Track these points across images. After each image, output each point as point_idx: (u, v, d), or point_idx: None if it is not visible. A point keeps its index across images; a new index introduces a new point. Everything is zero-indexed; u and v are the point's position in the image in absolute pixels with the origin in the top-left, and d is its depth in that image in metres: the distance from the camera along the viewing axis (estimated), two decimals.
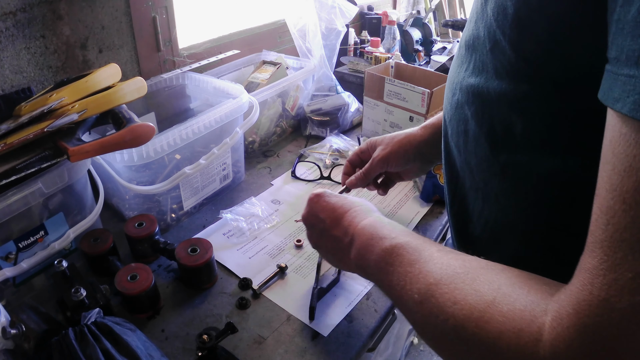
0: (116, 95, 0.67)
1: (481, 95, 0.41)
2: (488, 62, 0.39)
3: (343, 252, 0.52)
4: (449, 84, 0.49)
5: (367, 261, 0.47)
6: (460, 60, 0.45)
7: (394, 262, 0.42)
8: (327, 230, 0.55)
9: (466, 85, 0.43)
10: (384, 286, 0.44)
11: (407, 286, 0.39)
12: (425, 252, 0.41)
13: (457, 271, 0.36)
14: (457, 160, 0.50)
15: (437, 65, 1.51)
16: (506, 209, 0.43)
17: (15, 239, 0.62)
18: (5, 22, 0.72)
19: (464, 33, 0.45)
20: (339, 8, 1.19)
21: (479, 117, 0.42)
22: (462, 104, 0.45)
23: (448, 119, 0.50)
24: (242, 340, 0.62)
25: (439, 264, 0.38)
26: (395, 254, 0.43)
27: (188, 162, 0.78)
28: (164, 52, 1.01)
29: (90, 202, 0.74)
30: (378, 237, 0.46)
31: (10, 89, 0.76)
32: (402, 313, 0.42)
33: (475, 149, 0.44)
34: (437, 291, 0.36)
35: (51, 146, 0.60)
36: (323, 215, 0.56)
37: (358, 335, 0.64)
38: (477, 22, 0.40)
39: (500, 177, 0.42)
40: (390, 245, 0.44)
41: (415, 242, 0.43)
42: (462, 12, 2.47)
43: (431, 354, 1.87)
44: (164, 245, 0.73)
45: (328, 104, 1.17)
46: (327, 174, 0.99)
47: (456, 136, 0.48)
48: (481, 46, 0.40)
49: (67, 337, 0.49)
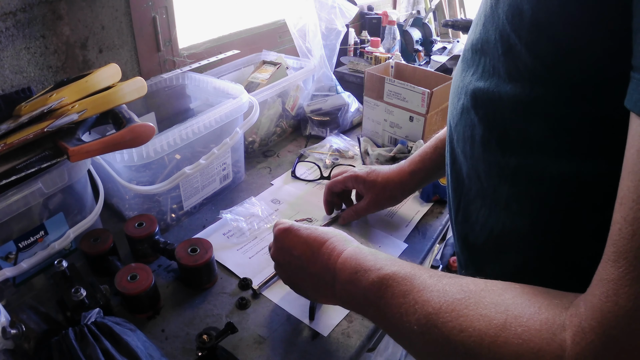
0: (116, 95, 0.67)
1: (491, 99, 0.40)
2: (500, 65, 0.38)
3: (325, 289, 0.51)
4: (454, 89, 0.48)
5: (354, 296, 0.46)
6: (466, 64, 0.44)
7: (385, 295, 0.41)
8: (304, 267, 0.53)
9: (474, 89, 0.42)
10: (377, 319, 0.43)
11: (403, 318, 0.38)
12: (417, 280, 0.39)
13: (457, 297, 0.35)
14: (463, 167, 0.48)
15: (437, 65, 1.51)
16: (516, 215, 0.42)
17: (15, 239, 0.62)
18: (5, 22, 0.72)
19: (469, 36, 0.44)
20: (339, 8, 1.19)
21: (489, 121, 0.41)
22: (468, 109, 0.44)
23: (454, 124, 0.48)
24: (242, 340, 0.62)
25: (434, 291, 0.37)
26: (385, 285, 0.41)
27: (188, 162, 0.78)
28: (164, 52, 1.01)
29: (90, 202, 0.74)
30: (362, 269, 0.45)
31: (10, 89, 0.76)
32: (401, 345, 0.41)
33: (483, 154, 0.43)
34: (438, 320, 0.35)
35: (51, 146, 0.60)
36: (297, 252, 0.54)
37: (358, 335, 0.64)
38: (485, 24, 0.39)
39: (511, 182, 0.41)
40: (378, 277, 0.43)
41: (403, 270, 0.41)
42: (462, 12, 2.47)
43: None
44: (164, 245, 0.73)
45: (328, 104, 1.17)
46: (327, 174, 0.99)
47: (462, 142, 0.46)
48: (492, 49, 0.39)
49: (67, 337, 0.49)
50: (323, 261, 0.50)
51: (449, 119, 0.51)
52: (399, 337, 0.41)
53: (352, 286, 0.46)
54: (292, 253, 0.55)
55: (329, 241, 0.52)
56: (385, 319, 0.41)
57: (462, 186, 0.49)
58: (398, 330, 0.39)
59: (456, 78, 0.47)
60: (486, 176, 0.44)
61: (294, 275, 0.56)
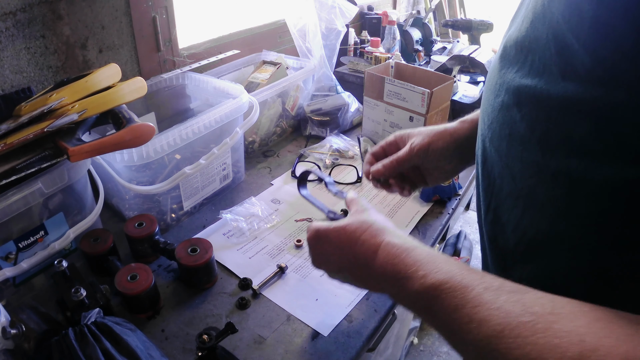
0: (116, 95, 0.67)
1: (538, 98, 0.38)
2: (552, 64, 0.36)
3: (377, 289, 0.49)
4: (491, 86, 0.46)
5: (403, 301, 0.43)
6: (508, 61, 0.43)
7: (433, 307, 0.38)
8: (348, 269, 0.51)
9: (517, 86, 0.40)
10: (430, 325, 0.40)
11: (457, 335, 0.35)
12: (470, 293, 0.36)
13: (522, 320, 0.31)
14: (495, 166, 0.46)
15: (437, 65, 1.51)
16: (552, 218, 0.40)
17: (15, 239, 0.62)
18: (5, 22, 0.72)
19: (511, 33, 0.43)
20: (339, 8, 1.19)
21: (531, 120, 0.39)
22: (509, 106, 0.42)
23: (488, 121, 0.46)
24: (242, 340, 0.62)
25: (494, 309, 0.33)
26: (432, 297, 0.38)
27: (188, 162, 0.78)
28: (164, 52, 1.01)
29: (90, 202, 0.74)
30: (404, 277, 0.42)
31: (10, 89, 0.76)
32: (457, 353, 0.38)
33: (521, 153, 0.41)
34: (501, 345, 0.31)
35: (51, 146, 0.60)
36: (334, 258, 0.52)
37: (358, 335, 0.64)
38: (534, 22, 0.38)
39: (550, 184, 0.39)
40: (423, 288, 0.39)
41: (452, 279, 0.38)
42: (462, 12, 2.47)
43: (431, 354, 1.87)
44: (164, 245, 0.73)
45: (328, 104, 1.17)
46: (327, 174, 0.99)
47: (498, 140, 0.45)
48: (542, 48, 0.37)
49: (67, 337, 0.49)
50: (361, 264, 0.48)
51: (482, 117, 0.49)
52: (454, 347, 0.37)
53: (396, 290, 0.43)
54: (330, 259, 0.53)
55: (360, 239, 0.49)
56: (438, 329, 0.39)
57: (493, 186, 0.48)
58: (453, 342, 0.37)
59: (493, 75, 0.46)
60: (522, 177, 0.42)
61: (340, 277, 0.54)
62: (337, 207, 0.89)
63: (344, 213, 0.88)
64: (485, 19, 1.75)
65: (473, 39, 1.77)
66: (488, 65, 1.51)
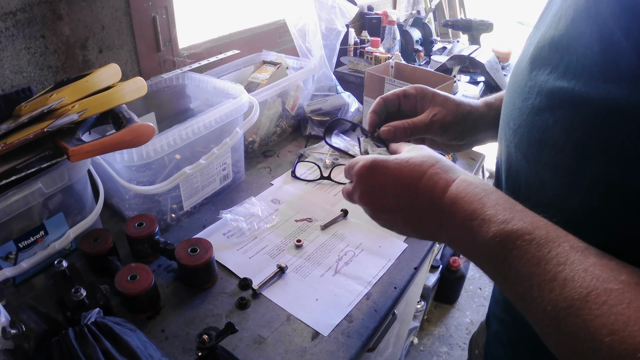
0: (116, 95, 0.67)
1: (575, 101, 0.36)
2: (593, 65, 0.34)
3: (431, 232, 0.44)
4: (518, 88, 0.43)
5: (468, 246, 0.39)
6: (540, 61, 0.40)
7: (509, 257, 0.34)
8: (401, 210, 0.45)
9: (551, 88, 0.38)
10: (496, 278, 0.37)
11: (533, 292, 0.32)
12: (556, 249, 0.32)
13: (609, 286, 0.29)
14: (522, 173, 0.44)
15: (437, 65, 1.52)
16: (586, 230, 0.37)
17: (15, 239, 0.62)
18: (5, 22, 0.72)
19: (545, 32, 0.41)
20: (339, 8, 1.19)
21: (567, 124, 0.37)
22: (541, 110, 0.39)
23: (515, 126, 0.43)
24: (242, 340, 0.62)
25: (580, 270, 0.30)
26: (510, 245, 0.34)
27: (188, 162, 0.78)
28: (164, 52, 1.01)
29: (90, 202, 0.74)
30: (479, 217, 0.37)
31: (10, 89, 0.76)
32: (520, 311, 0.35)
33: (554, 160, 0.39)
34: (583, 310, 0.29)
35: (51, 146, 0.60)
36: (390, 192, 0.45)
37: (358, 335, 0.64)
38: (575, 20, 0.36)
39: (585, 193, 0.37)
40: (501, 233, 0.35)
41: (536, 230, 0.34)
42: (462, 12, 2.47)
43: (431, 354, 1.87)
44: (164, 245, 0.73)
45: (328, 104, 1.17)
46: (327, 174, 0.99)
47: (527, 145, 0.42)
48: (583, 47, 0.35)
49: (67, 337, 0.49)
50: (425, 201, 0.42)
51: (506, 121, 0.46)
52: (522, 307, 0.34)
53: (465, 234, 0.39)
54: (383, 195, 0.45)
55: (429, 173, 0.43)
56: (507, 283, 0.35)
57: (519, 193, 0.44)
58: (523, 300, 0.33)
59: (521, 76, 0.43)
60: (553, 185, 0.39)
61: (390, 219, 0.47)
62: (336, 207, 0.90)
63: (343, 213, 0.88)
64: (485, 19, 1.76)
65: (473, 39, 1.77)
66: (488, 65, 1.51)
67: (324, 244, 0.81)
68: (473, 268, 2.29)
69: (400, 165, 0.45)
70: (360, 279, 0.73)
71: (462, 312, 2.07)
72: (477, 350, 0.73)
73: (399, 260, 0.78)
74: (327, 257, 0.78)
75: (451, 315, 2.05)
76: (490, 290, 2.19)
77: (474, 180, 0.41)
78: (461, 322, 2.02)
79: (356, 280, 0.73)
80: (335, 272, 0.75)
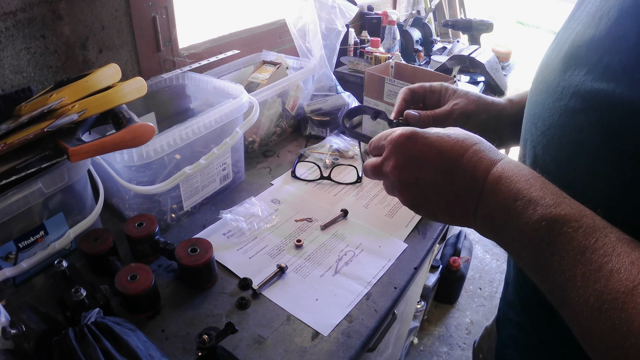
0: (116, 95, 0.67)
1: (613, 103, 0.35)
2: (637, 67, 0.33)
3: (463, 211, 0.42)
4: (549, 88, 0.42)
5: (506, 227, 0.37)
6: (575, 61, 0.39)
7: (555, 242, 0.33)
8: (437, 186, 0.42)
9: (588, 90, 0.36)
10: (533, 266, 0.35)
11: (576, 281, 0.31)
12: (604, 239, 0.31)
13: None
14: (550, 176, 0.42)
15: (437, 65, 1.52)
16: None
17: (15, 239, 0.62)
18: (5, 22, 0.72)
19: (582, 31, 0.39)
20: (339, 8, 1.19)
21: (603, 127, 0.35)
22: (576, 112, 0.38)
23: (543, 127, 0.42)
24: (242, 340, 0.62)
25: (627, 262, 0.29)
26: (557, 230, 0.33)
27: (188, 162, 0.78)
28: (164, 52, 1.01)
29: (90, 202, 0.74)
30: (526, 198, 0.36)
31: (10, 89, 0.76)
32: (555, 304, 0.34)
33: (586, 163, 0.37)
34: (629, 303, 0.28)
35: (51, 146, 0.60)
36: (429, 164, 0.42)
37: (358, 335, 0.64)
38: (619, 19, 0.35)
39: (620, 200, 0.36)
40: (550, 216, 0.34)
41: (583, 218, 0.33)
42: (462, 12, 2.47)
43: (431, 354, 1.87)
44: (164, 245, 0.73)
45: (328, 104, 1.17)
46: (327, 174, 0.99)
47: (557, 148, 0.40)
48: (627, 48, 0.34)
49: (67, 337, 0.49)
50: (466, 177, 0.40)
51: (531, 121, 0.45)
52: (559, 298, 0.33)
53: (506, 215, 0.37)
54: (420, 166, 0.42)
55: (472, 149, 0.41)
56: (546, 271, 0.33)
57: None
58: (562, 290, 0.32)
59: (552, 76, 0.42)
60: (584, 190, 0.38)
61: (421, 195, 0.44)
62: (336, 207, 0.90)
63: (343, 213, 0.88)
64: (485, 19, 1.76)
65: (473, 39, 1.77)
66: (488, 65, 1.51)
67: (324, 244, 0.81)
68: (473, 268, 2.29)
69: (442, 138, 0.42)
70: (360, 279, 0.73)
71: (462, 312, 2.07)
72: (481, 355, 0.72)
73: (399, 260, 0.78)
74: (327, 257, 0.78)
75: (451, 315, 2.05)
76: (491, 290, 2.19)
77: (521, 165, 0.39)
78: (461, 322, 2.02)
79: (356, 280, 0.73)
80: (335, 272, 0.75)
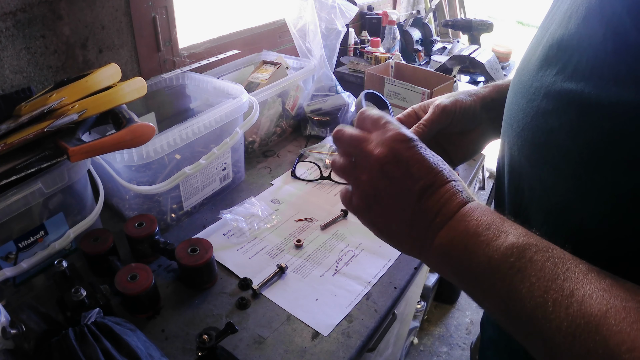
0: (116, 95, 0.67)
1: (583, 104, 0.34)
2: (604, 66, 0.33)
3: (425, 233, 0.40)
4: (523, 89, 0.42)
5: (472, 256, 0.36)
6: (546, 62, 0.39)
7: (525, 268, 0.33)
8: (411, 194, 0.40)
9: (558, 90, 0.36)
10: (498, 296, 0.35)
11: (547, 307, 0.31)
12: (574, 268, 0.32)
13: (627, 304, 0.29)
14: (525, 177, 0.42)
15: (437, 65, 1.52)
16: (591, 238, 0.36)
17: (15, 239, 0.62)
18: (5, 22, 0.72)
19: (554, 31, 0.39)
20: (339, 8, 1.19)
21: (573, 128, 0.35)
22: (547, 112, 0.38)
23: (518, 128, 0.42)
24: (242, 340, 0.62)
25: (599, 288, 0.30)
26: (528, 258, 0.33)
27: (188, 162, 0.78)
28: (164, 52, 1.01)
29: (90, 202, 0.74)
30: (498, 229, 0.35)
31: (10, 89, 0.76)
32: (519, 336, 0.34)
33: (558, 164, 0.37)
34: (602, 327, 0.28)
35: (51, 146, 0.60)
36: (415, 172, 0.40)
37: (358, 335, 0.64)
38: (587, 18, 0.35)
39: (591, 200, 0.35)
40: (521, 244, 0.34)
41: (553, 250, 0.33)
42: (462, 12, 2.47)
43: (431, 354, 1.87)
44: (164, 245, 0.73)
45: (328, 104, 1.17)
46: (327, 174, 0.99)
47: (530, 149, 0.40)
48: (594, 47, 0.34)
49: (67, 337, 0.49)
50: (439, 201, 0.39)
51: (509, 122, 0.45)
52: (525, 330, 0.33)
53: (474, 241, 0.36)
54: (407, 170, 0.40)
55: (453, 183, 0.40)
56: (512, 299, 0.33)
57: (522, 197, 0.43)
58: (529, 318, 0.32)
59: (527, 77, 0.41)
60: (557, 191, 0.38)
61: (391, 199, 0.41)
62: (336, 207, 0.90)
63: (343, 213, 0.88)
64: (485, 19, 1.76)
65: (473, 39, 1.77)
66: (488, 65, 1.51)
67: (324, 244, 0.81)
68: None
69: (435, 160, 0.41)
70: (360, 278, 0.73)
71: (462, 312, 2.07)
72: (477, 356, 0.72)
73: (399, 260, 0.78)
74: (327, 257, 0.78)
75: (451, 315, 2.05)
76: None
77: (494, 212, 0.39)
78: (461, 322, 2.02)
79: (356, 280, 0.73)
80: (335, 272, 0.75)
